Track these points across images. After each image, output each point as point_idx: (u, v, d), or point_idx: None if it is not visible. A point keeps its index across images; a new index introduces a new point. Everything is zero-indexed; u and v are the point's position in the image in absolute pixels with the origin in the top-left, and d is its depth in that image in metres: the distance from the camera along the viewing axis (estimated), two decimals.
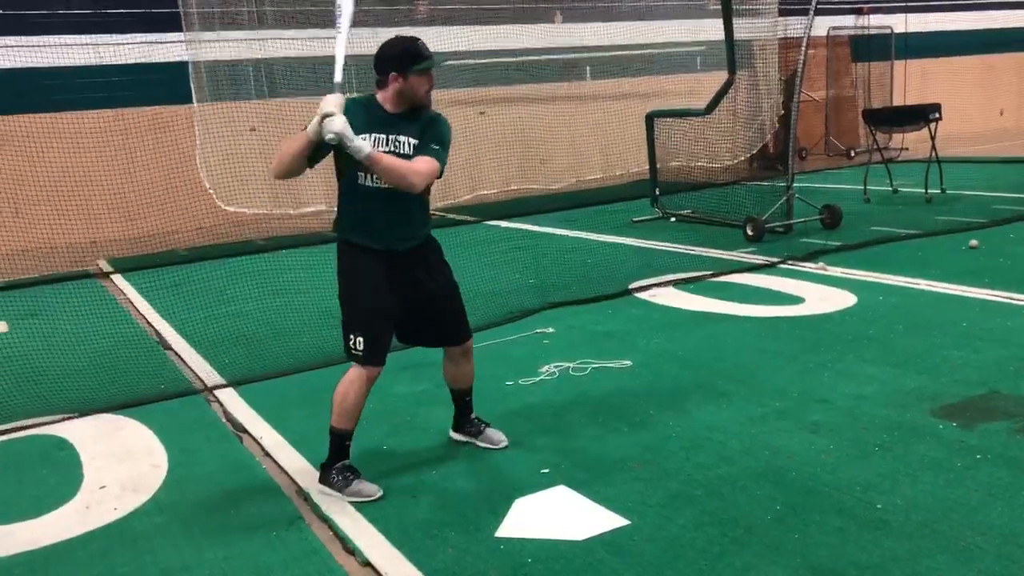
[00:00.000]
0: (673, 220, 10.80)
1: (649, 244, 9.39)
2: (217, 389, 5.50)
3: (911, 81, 18.01)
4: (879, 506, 3.44)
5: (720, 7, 9.88)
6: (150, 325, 7.35)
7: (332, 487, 3.87)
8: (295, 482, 4.07)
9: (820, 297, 6.69)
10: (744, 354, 5.46)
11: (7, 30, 11.10)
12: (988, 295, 6.40)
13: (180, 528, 3.72)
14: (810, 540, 3.24)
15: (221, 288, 8.10)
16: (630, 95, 14.74)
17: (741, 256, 8.38)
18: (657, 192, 11.32)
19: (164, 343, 6.74)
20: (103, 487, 4.18)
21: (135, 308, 8.04)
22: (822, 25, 15.90)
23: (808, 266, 7.76)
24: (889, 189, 11.48)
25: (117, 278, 9.55)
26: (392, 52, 3.73)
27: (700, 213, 10.81)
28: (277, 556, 3.42)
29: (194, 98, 11.75)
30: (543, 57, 14.33)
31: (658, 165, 11.51)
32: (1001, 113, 20.44)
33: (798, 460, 3.90)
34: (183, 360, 6.23)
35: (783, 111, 13.30)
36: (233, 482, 4.15)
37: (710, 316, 6.41)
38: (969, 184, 11.79)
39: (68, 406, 5.26)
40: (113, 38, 11.75)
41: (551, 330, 6.28)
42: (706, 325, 6.18)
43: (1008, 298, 6.28)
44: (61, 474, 4.37)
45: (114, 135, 11.20)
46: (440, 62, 3.84)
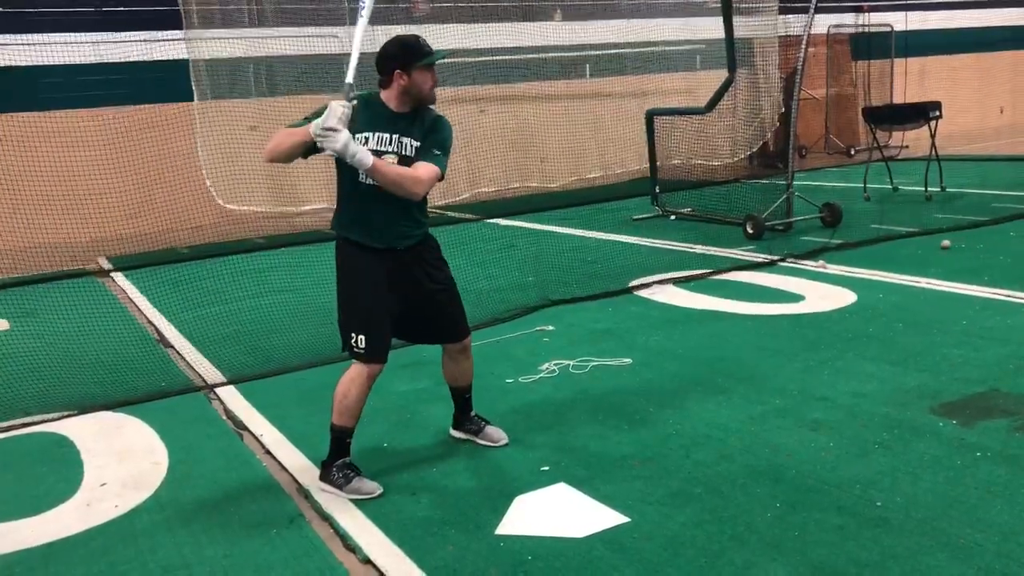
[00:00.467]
0: (673, 218, 10.80)
1: (649, 242, 9.39)
2: (217, 387, 5.50)
3: (911, 79, 18.01)
4: (879, 504, 3.45)
5: (720, 5, 9.87)
6: (150, 323, 7.35)
7: (332, 484, 3.88)
8: (295, 480, 4.08)
9: (820, 295, 6.69)
10: (744, 352, 5.47)
11: (7, 28, 11.10)
12: (988, 293, 6.40)
13: (181, 526, 3.72)
14: (810, 538, 3.24)
15: (221, 286, 8.10)
16: (630, 93, 14.74)
17: (741, 254, 8.38)
18: (657, 190, 11.31)
19: (164, 341, 6.74)
20: (104, 485, 4.18)
21: (135, 306, 8.04)
22: (822, 23, 15.90)
23: (808, 264, 7.77)
24: (889, 187, 11.48)
25: (117, 276, 9.55)
26: (394, 50, 3.74)
27: (700, 211, 10.80)
28: (278, 553, 3.43)
29: (194, 96, 11.76)
30: (543, 55, 14.32)
31: (658, 163, 11.51)
32: (1001, 111, 20.44)
33: (798, 458, 3.91)
34: (183, 358, 6.23)
35: (783, 109, 13.31)
36: (234, 480, 4.15)
37: (710, 314, 6.41)
38: (969, 182, 11.79)
39: (68, 404, 5.27)
40: (113, 36, 11.75)
41: (551, 328, 6.28)
42: (706, 323, 6.19)
43: (1008, 296, 6.29)
44: (61, 472, 4.37)
45: (114, 133, 11.18)
46: (441, 57, 3.84)
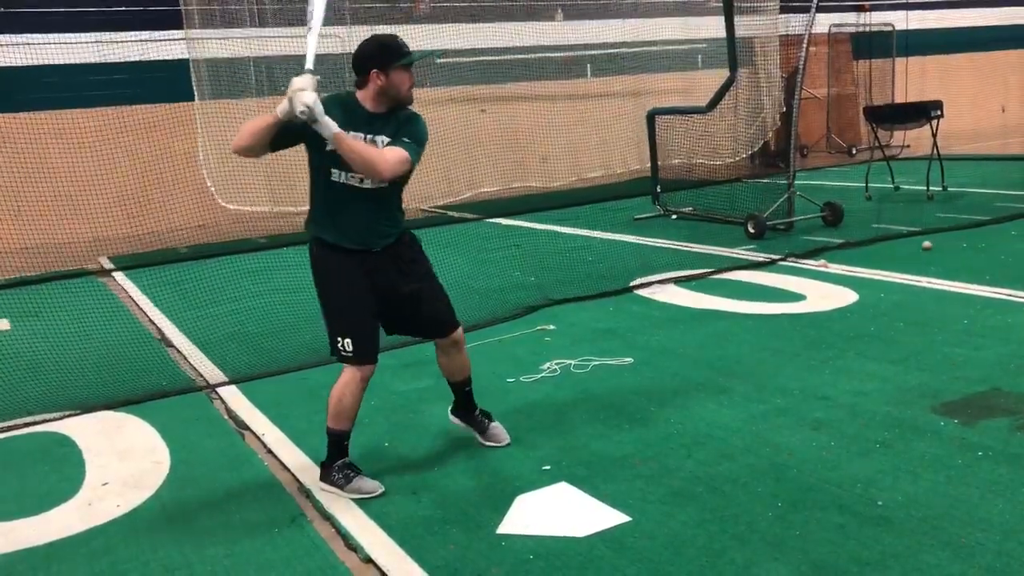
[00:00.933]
0: (674, 217, 10.80)
1: (650, 241, 9.39)
2: (219, 386, 5.50)
3: (912, 78, 18.00)
4: (880, 503, 3.45)
5: (721, 5, 9.87)
6: (152, 323, 7.35)
7: (333, 484, 3.87)
8: (297, 479, 4.08)
9: (821, 294, 6.69)
10: (745, 351, 5.46)
11: (7, 28, 11.11)
12: (989, 292, 6.40)
13: (182, 525, 3.73)
14: (811, 536, 3.24)
15: (222, 285, 8.10)
16: (631, 92, 14.74)
17: (742, 253, 8.38)
18: (658, 189, 11.30)
19: (166, 340, 6.75)
20: (105, 484, 4.19)
21: (136, 306, 8.04)
22: (823, 22, 15.87)
23: (809, 263, 7.76)
24: (891, 186, 11.47)
25: (118, 276, 9.55)
26: (371, 50, 3.69)
27: (701, 211, 10.79)
28: (279, 553, 3.43)
29: (195, 96, 11.77)
30: (544, 55, 14.32)
31: (659, 162, 11.50)
32: (1003, 110, 20.43)
33: (799, 457, 3.91)
34: (185, 357, 6.24)
35: (784, 108, 13.32)
36: (235, 479, 4.16)
37: (711, 313, 6.41)
38: (970, 181, 11.78)
39: (70, 403, 5.27)
40: (114, 36, 11.76)
41: (552, 327, 6.28)
42: (707, 322, 6.18)
43: (1009, 295, 6.28)
44: (63, 471, 4.37)
45: (115, 133, 11.19)
46: (419, 58, 3.80)
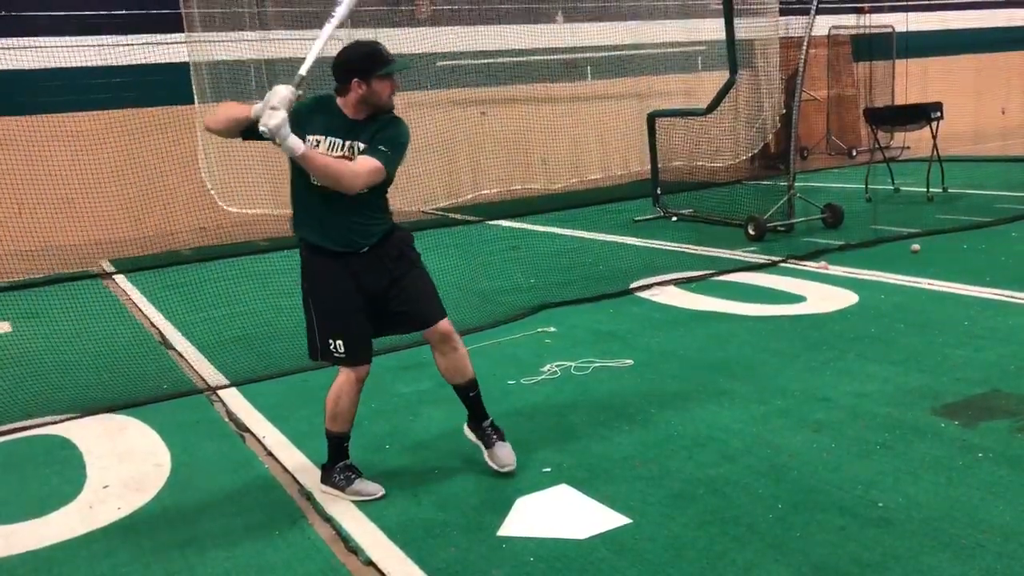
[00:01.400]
0: (675, 219, 10.80)
1: (651, 243, 9.39)
2: (220, 389, 5.51)
3: (912, 80, 18.00)
4: (880, 504, 3.45)
5: (721, 7, 9.87)
6: (153, 325, 7.36)
7: (334, 486, 3.88)
8: (297, 481, 4.08)
9: (822, 296, 6.69)
10: (746, 353, 5.46)
11: (9, 31, 11.12)
12: (989, 294, 6.40)
13: (183, 527, 3.73)
14: (812, 538, 3.24)
15: (223, 288, 8.11)
16: (631, 95, 14.75)
17: (743, 255, 8.38)
18: (659, 191, 11.31)
19: (167, 343, 6.75)
20: (106, 487, 4.19)
21: (137, 308, 8.05)
22: (823, 24, 15.88)
23: (810, 265, 7.76)
24: (891, 188, 11.48)
25: (120, 278, 9.56)
26: (353, 58, 3.63)
27: (702, 212, 10.80)
28: (280, 555, 3.43)
29: (196, 99, 11.77)
30: (544, 57, 14.33)
31: (659, 164, 11.51)
32: (1003, 112, 20.43)
33: (800, 459, 3.91)
34: (186, 360, 6.24)
35: (784, 110, 13.31)
36: (236, 481, 4.16)
37: (712, 315, 6.41)
38: (971, 183, 11.78)
39: (71, 406, 5.27)
40: (115, 39, 11.77)
41: (553, 329, 6.29)
42: (708, 324, 6.18)
43: (1010, 297, 6.28)
44: (64, 474, 4.38)
45: (116, 136, 11.21)
46: (402, 68, 3.74)
